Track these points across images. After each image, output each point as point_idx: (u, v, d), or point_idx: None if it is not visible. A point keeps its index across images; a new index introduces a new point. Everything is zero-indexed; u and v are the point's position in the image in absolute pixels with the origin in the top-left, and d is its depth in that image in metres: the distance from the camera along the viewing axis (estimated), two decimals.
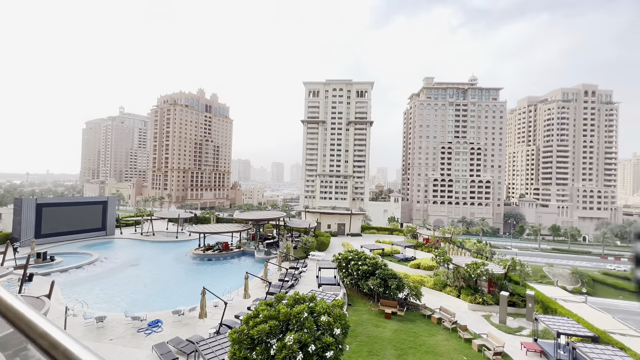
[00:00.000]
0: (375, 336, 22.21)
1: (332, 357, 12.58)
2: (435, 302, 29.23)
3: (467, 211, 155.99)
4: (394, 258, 43.26)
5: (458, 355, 20.40)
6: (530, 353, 21.34)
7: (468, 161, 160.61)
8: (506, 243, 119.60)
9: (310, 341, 12.37)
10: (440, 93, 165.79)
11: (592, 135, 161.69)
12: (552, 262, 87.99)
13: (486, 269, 29.01)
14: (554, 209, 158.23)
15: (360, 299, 29.05)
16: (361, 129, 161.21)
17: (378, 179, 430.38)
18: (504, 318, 26.29)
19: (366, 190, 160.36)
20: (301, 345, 12.36)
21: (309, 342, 12.33)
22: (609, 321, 28.30)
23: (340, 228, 64.50)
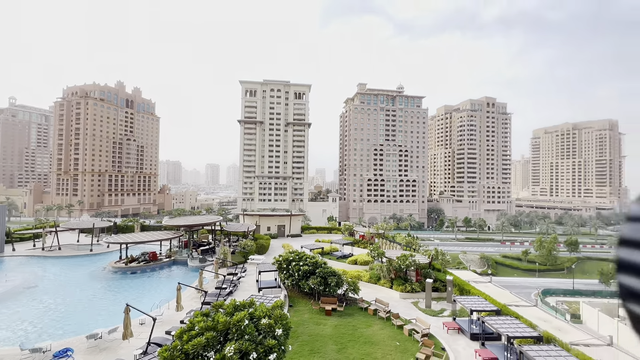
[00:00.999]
0: (316, 334, 22.66)
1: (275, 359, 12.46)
2: (371, 294, 31.13)
3: (397, 208, 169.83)
4: (333, 256, 44.69)
5: (392, 341, 22.08)
6: (450, 331, 24.26)
7: (397, 162, 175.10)
8: (430, 235, 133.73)
9: (251, 348, 12.04)
10: (373, 99, 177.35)
11: (493, 140, 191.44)
12: (466, 250, 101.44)
13: (414, 260, 32.02)
14: (466, 203, 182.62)
15: (301, 299, 29.30)
16: (299, 130, 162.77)
17: (317, 180, 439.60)
18: (429, 303, 29.38)
19: (305, 191, 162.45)
20: (242, 354, 11.95)
21: (250, 350, 11.99)
22: (508, 296, 33.83)
23: (281, 230, 64.07)
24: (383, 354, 20.24)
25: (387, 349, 20.97)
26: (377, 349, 20.93)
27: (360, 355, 19.96)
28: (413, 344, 21.76)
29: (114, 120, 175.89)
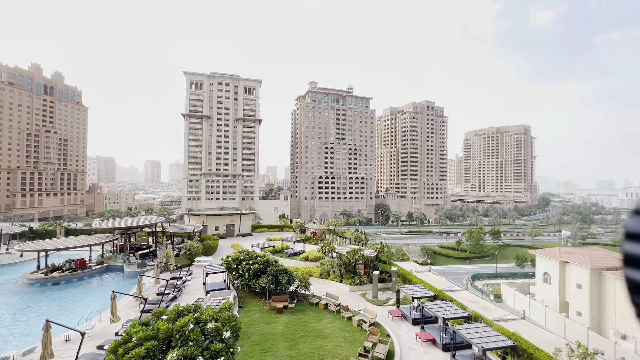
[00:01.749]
0: (267, 333, 22.47)
1: None
2: (322, 289, 31.80)
3: (347, 204, 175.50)
4: (284, 254, 44.58)
5: (342, 333, 22.89)
6: (395, 318, 25.99)
7: (347, 160, 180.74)
8: (377, 230, 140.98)
9: (197, 353, 11.50)
10: (324, 97, 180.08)
11: (432, 141, 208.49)
12: (409, 242, 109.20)
13: (362, 254, 33.52)
14: (409, 199, 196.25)
15: (252, 299, 28.73)
16: (250, 126, 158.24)
17: (268, 178, 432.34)
18: (376, 293, 31.07)
19: (256, 189, 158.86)
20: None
21: (195, 355, 11.44)
22: (444, 282, 37.34)
23: (230, 229, 61.81)
24: (333, 346, 20.89)
25: (337, 340, 21.68)
26: (328, 341, 21.52)
27: (312, 350, 20.33)
28: (361, 333, 22.84)
29: (28, 109, 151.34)
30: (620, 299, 37.01)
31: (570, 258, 44.48)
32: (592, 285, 40.92)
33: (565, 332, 34.57)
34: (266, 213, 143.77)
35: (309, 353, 19.94)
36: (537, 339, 21.06)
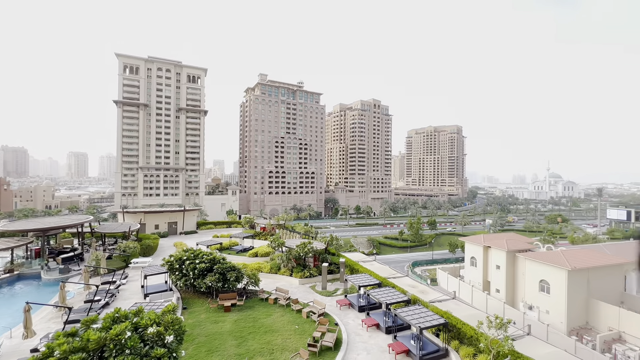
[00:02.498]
0: (214, 333, 21.72)
1: None
2: (272, 284, 31.67)
3: (297, 199, 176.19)
4: (232, 250, 43.25)
5: (291, 326, 23.16)
6: (343, 307, 27.10)
7: (297, 155, 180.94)
8: (326, 223, 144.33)
9: None
10: (274, 91, 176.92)
11: (378, 137, 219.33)
12: (356, 234, 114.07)
13: (312, 247, 34.13)
14: (357, 193, 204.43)
15: (197, 300, 27.40)
16: (194, 117, 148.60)
17: (215, 172, 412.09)
18: (325, 285, 31.98)
19: (201, 184, 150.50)
20: None
21: None
22: (388, 270, 39.91)
23: (172, 227, 57.75)
24: (283, 339, 21.05)
25: (286, 334, 21.89)
26: (278, 335, 21.61)
27: (261, 345, 20.23)
28: (311, 324, 23.38)
29: None
30: (528, 276, 43.64)
31: (492, 243, 50.96)
32: (507, 265, 47.49)
33: (487, 307, 39.67)
34: (213, 209, 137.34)
35: (258, 349, 19.82)
36: (464, 315, 23.85)
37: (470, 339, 19.94)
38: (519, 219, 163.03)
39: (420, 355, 19.28)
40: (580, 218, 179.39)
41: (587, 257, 42.19)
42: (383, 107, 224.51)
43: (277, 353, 19.41)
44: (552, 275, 40.44)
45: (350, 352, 20.19)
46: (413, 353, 19.63)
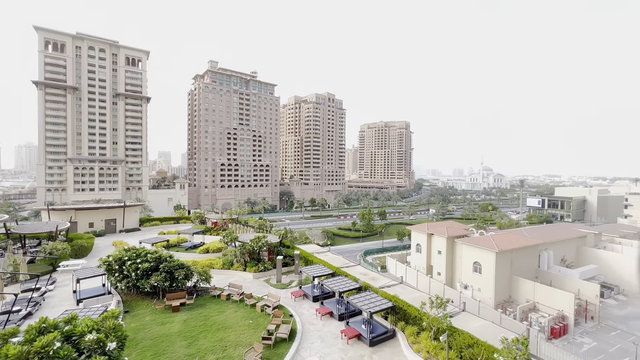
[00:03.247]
0: (161, 335, 20.52)
1: None
2: (224, 280, 30.78)
3: (251, 192, 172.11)
4: (181, 247, 40.97)
5: (245, 321, 22.84)
6: (297, 298, 27.45)
7: (251, 147, 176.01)
8: (281, 216, 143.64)
9: None
10: (225, 79, 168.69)
11: (332, 131, 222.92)
12: (311, 226, 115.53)
13: (266, 241, 33.79)
14: (312, 185, 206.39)
15: (141, 302, 25.51)
16: (135, 104, 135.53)
17: (160, 165, 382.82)
18: (280, 277, 32.02)
19: (145, 178, 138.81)
20: None
21: None
22: (341, 260, 41.25)
23: (110, 225, 52.58)
24: (237, 335, 20.70)
25: (240, 329, 21.55)
26: (231, 332, 21.18)
27: (213, 343, 19.66)
28: (265, 318, 23.31)
29: None
30: (464, 259, 48.60)
31: (434, 231, 55.54)
32: (447, 250, 52.28)
33: (430, 289, 43.37)
34: (158, 204, 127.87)
35: (210, 347, 19.24)
36: (410, 297, 25.79)
37: (414, 319, 21.68)
38: (457, 208, 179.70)
39: (370, 338, 20.46)
40: (506, 206, 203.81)
41: (511, 240, 48.29)
42: (337, 101, 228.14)
43: (231, 349, 19.07)
44: (483, 257, 45.55)
45: (304, 341, 20.63)
46: (364, 337, 20.75)
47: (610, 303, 48.63)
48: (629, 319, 43.72)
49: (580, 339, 38.32)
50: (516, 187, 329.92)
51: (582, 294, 43.21)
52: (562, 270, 50.77)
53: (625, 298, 51.13)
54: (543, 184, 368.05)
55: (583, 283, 44.81)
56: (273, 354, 18.80)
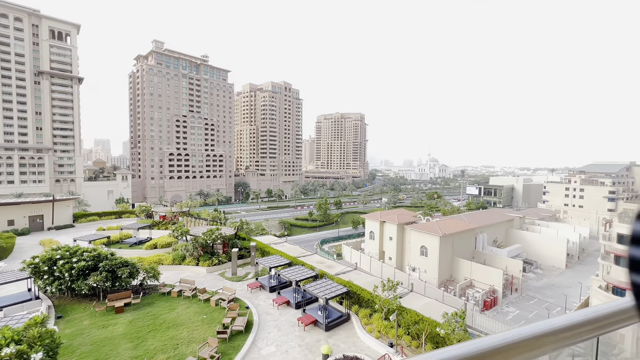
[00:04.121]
0: (102, 339, 18.93)
1: None
2: (175, 276, 29.25)
3: (204, 184, 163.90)
4: (125, 244, 37.85)
5: (199, 316, 22.05)
6: (254, 290, 27.20)
7: (203, 136, 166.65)
8: (237, 208, 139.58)
9: None
10: (173, 62, 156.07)
11: (289, 121, 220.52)
12: (268, 217, 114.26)
13: (220, 233, 32.68)
14: (268, 176, 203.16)
15: (77, 305, 23.16)
16: (63, 85, 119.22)
17: (98, 154, 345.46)
18: (235, 270, 31.34)
19: (78, 168, 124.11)
20: None
21: None
22: (298, 250, 41.64)
23: (36, 222, 46.38)
24: (189, 332, 19.93)
25: (193, 325, 20.78)
26: (183, 329, 20.32)
27: (163, 342, 18.71)
28: (220, 312, 22.74)
29: None
30: (413, 244, 52.24)
31: (386, 218, 58.61)
32: (398, 236, 55.66)
33: (382, 273, 45.94)
34: (97, 198, 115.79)
35: (160, 347, 18.29)
36: (363, 282, 27.10)
37: (367, 302, 22.89)
38: (407, 196, 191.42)
39: (326, 323, 21.17)
40: (450, 194, 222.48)
41: (452, 225, 53.00)
42: (294, 90, 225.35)
43: (183, 347, 18.35)
44: (429, 241, 49.42)
45: (261, 331, 20.62)
46: (320, 322, 21.39)
47: (530, 276, 56.34)
48: (544, 289, 51.19)
49: (506, 308, 43.93)
50: (458, 176, 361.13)
51: (509, 270, 49.38)
52: (494, 250, 57.32)
53: (542, 271, 59.62)
54: (480, 174, 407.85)
55: (510, 260, 51.16)
56: (229, 347, 18.51)
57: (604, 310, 1.11)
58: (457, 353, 0.86)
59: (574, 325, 1.04)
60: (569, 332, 1.03)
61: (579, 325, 1.05)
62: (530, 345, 0.96)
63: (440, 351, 0.84)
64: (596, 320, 1.08)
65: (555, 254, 61.78)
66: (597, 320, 1.08)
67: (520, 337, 0.95)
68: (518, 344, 0.94)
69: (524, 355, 0.95)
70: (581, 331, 1.06)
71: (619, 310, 1.10)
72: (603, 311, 1.10)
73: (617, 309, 1.10)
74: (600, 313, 1.09)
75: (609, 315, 1.10)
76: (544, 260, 62.37)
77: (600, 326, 1.09)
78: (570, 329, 1.03)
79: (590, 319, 1.07)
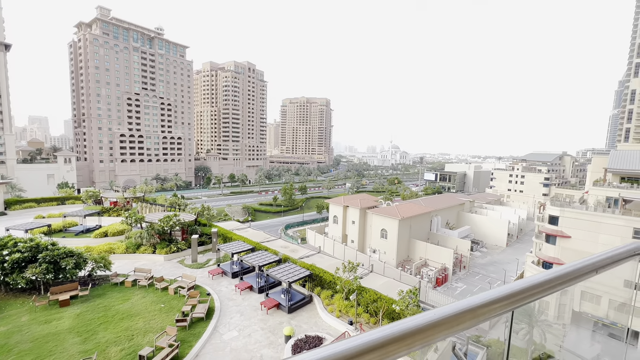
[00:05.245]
0: (45, 335, 17.51)
1: None
2: (129, 265, 27.66)
3: (160, 168, 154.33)
4: (69, 232, 34.72)
5: (156, 306, 21.21)
6: (215, 276, 26.68)
7: (159, 116, 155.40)
8: (198, 193, 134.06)
9: None
10: (122, 33, 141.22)
11: (253, 103, 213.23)
12: (231, 203, 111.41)
13: (178, 220, 31.28)
14: (231, 161, 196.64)
15: (14, 301, 21.01)
16: None
17: (33, 133, 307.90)
18: (195, 257, 30.40)
19: (10, 149, 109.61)
20: None
21: None
22: (262, 235, 41.31)
23: None
24: (145, 322, 19.15)
25: (150, 315, 19.98)
26: (139, 319, 19.46)
27: (116, 334, 17.79)
28: (179, 300, 22.07)
29: None
30: (374, 227, 54.46)
31: (349, 203, 60.18)
32: (360, 220, 57.62)
33: (344, 255, 47.53)
34: (34, 182, 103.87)
35: (113, 339, 17.39)
36: (326, 265, 27.84)
37: (329, 283, 23.63)
38: (370, 182, 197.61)
39: (289, 306, 21.57)
40: (409, 180, 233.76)
41: (410, 209, 55.99)
42: (258, 72, 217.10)
43: (139, 337, 17.63)
44: (389, 224, 51.85)
45: (223, 317, 20.46)
46: (283, 305, 21.73)
47: (477, 254, 62.01)
48: (488, 265, 56.79)
49: (455, 284, 48.13)
50: (417, 163, 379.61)
51: (459, 249, 53.82)
52: (447, 232, 61.89)
53: (486, 250, 65.87)
54: (437, 160, 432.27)
55: (460, 240, 55.68)
56: (189, 335, 18.16)
57: (517, 287, 1.29)
58: (382, 335, 0.92)
59: (490, 302, 1.19)
60: (485, 308, 1.17)
61: (493, 301, 1.20)
62: (451, 322, 1.07)
63: (367, 334, 0.91)
64: (510, 296, 1.25)
65: (498, 234, 68.41)
66: (511, 296, 1.26)
67: (442, 315, 1.06)
68: (440, 321, 1.04)
69: (445, 332, 1.06)
70: (496, 307, 1.21)
71: (530, 285, 1.30)
72: (516, 287, 1.29)
73: (528, 285, 1.31)
74: (513, 289, 1.27)
75: (521, 291, 1.28)
76: (488, 239, 68.78)
77: (513, 301, 1.26)
78: (486, 305, 1.18)
79: (504, 295, 1.24)
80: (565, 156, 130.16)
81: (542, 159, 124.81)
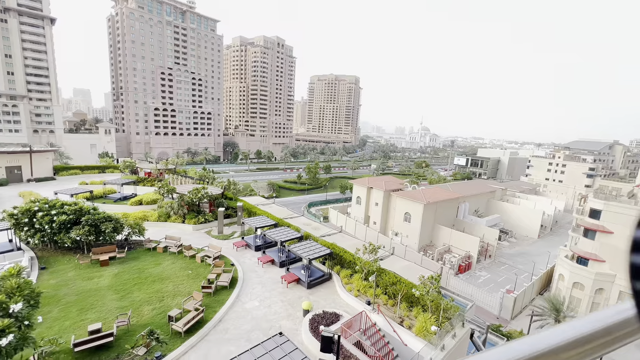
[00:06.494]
0: (89, 290, 19.31)
1: (16, 340, 9.59)
2: (161, 232, 29.40)
3: (191, 142, 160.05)
4: (108, 199, 37.35)
5: (184, 272, 22.58)
6: (239, 249, 27.78)
7: (190, 91, 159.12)
8: (225, 168, 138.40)
9: None
10: (156, 6, 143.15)
11: (281, 80, 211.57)
12: (257, 179, 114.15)
13: (206, 192, 32.49)
14: (258, 137, 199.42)
15: (61, 257, 23.25)
16: (34, 25, 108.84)
17: (78, 105, 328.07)
18: (222, 229, 31.71)
19: (58, 119, 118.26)
20: None
21: None
22: (285, 212, 42.13)
23: (14, 173, 44.88)
24: (175, 286, 20.49)
25: (178, 280, 21.32)
26: (169, 282, 20.86)
27: (149, 295, 19.24)
28: (206, 268, 23.31)
29: None
30: (397, 210, 53.63)
31: (374, 185, 59.34)
32: (384, 202, 56.87)
33: (366, 236, 47.51)
34: (79, 151, 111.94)
35: (146, 299, 18.83)
36: (347, 245, 27.96)
37: (349, 263, 23.79)
38: (396, 164, 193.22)
39: (308, 281, 22.08)
40: (438, 164, 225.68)
41: (437, 194, 54.25)
42: (287, 47, 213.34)
43: (169, 299, 18.94)
44: (413, 208, 50.76)
45: (245, 287, 21.40)
46: (302, 280, 22.28)
47: (504, 244, 59.58)
48: (515, 256, 54.52)
49: (479, 273, 46.88)
50: (448, 147, 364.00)
51: (486, 238, 51.89)
52: (474, 219, 59.67)
53: (515, 240, 63.05)
54: (469, 145, 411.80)
55: (487, 229, 53.55)
56: (213, 301, 19.22)
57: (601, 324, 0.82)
58: None
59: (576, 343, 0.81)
60: None
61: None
62: None
63: None
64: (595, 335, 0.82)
65: (530, 225, 64.96)
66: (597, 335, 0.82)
67: None
68: None
69: None
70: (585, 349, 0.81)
71: (620, 321, 0.82)
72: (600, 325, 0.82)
73: (616, 321, 0.82)
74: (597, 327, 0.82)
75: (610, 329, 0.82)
76: (519, 230, 65.63)
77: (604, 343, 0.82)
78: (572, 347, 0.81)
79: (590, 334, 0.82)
80: (616, 145, 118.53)
81: (588, 147, 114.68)
